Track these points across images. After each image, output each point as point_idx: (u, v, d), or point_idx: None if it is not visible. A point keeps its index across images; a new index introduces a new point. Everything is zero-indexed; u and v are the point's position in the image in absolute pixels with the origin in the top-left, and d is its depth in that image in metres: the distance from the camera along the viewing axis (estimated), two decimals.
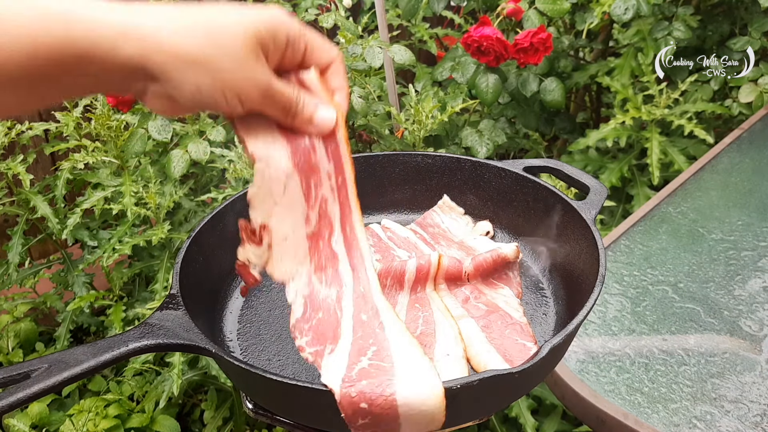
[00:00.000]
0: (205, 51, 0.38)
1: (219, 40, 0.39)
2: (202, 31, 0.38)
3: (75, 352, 0.43)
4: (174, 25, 0.38)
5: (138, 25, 0.37)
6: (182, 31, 0.38)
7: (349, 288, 0.51)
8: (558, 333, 0.45)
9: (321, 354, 0.48)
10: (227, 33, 0.39)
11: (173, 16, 0.38)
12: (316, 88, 0.47)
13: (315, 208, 0.50)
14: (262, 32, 0.41)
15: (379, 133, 1.28)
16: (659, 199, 1.03)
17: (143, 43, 0.37)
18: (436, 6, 1.58)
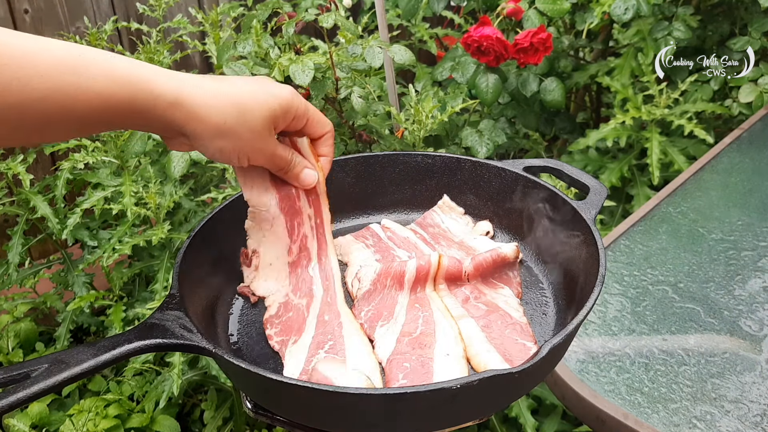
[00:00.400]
0: (234, 127, 0.49)
1: (246, 119, 0.49)
2: (235, 111, 0.48)
3: (75, 352, 0.43)
4: (215, 101, 0.47)
5: (187, 96, 0.46)
6: (220, 108, 0.48)
7: (318, 298, 0.60)
8: (558, 333, 0.45)
9: (286, 343, 0.55)
10: (253, 113, 0.49)
11: (215, 93, 0.48)
12: (306, 153, 0.59)
13: (297, 242, 0.62)
14: (277, 112, 0.51)
15: (379, 133, 1.28)
16: (659, 199, 1.03)
17: (189, 114, 0.47)
18: (436, 6, 1.58)
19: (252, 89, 0.50)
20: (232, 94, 0.49)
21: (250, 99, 0.49)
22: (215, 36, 1.33)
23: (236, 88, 0.50)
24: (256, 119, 0.50)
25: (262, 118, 0.50)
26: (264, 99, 0.50)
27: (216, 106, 0.47)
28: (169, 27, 1.48)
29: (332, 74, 1.18)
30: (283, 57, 1.11)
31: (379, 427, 0.46)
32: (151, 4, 1.39)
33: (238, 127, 0.49)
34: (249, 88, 0.50)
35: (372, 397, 0.42)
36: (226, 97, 0.48)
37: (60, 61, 0.41)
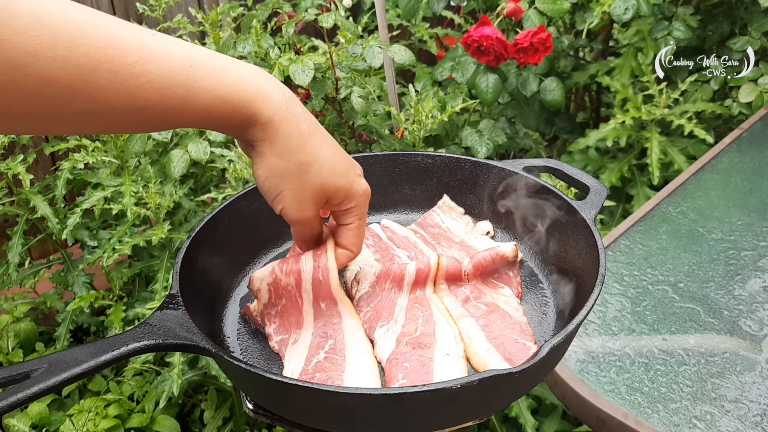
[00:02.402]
0: (288, 173, 0.48)
1: (301, 174, 0.48)
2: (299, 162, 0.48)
3: (75, 352, 0.43)
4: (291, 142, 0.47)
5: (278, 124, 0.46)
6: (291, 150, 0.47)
7: (308, 273, 0.57)
8: (558, 333, 0.45)
9: (286, 343, 0.55)
10: (310, 175, 0.49)
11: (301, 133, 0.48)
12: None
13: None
14: (336, 193, 0.51)
15: (379, 133, 1.28)
16: (659, 199, 1.03)
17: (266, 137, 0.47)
18: (436, 6, 1.58)
19: (337, 158, 0.50)
20: (318, 145, 0.48)
21: (327, 161, 0.49)
22: (215, 36, 1.33)
23: (327, 145, 0.49)
24: (316, 181, 0.49)
25: (320, 184, 0.49)
26: (335, 173, 0.50)
27: (296, 147, 0.47)
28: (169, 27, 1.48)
29: (332, 74, 1.18)
30: (283, 57, 1.11)
31: (379, 427, 0.46)
32: (151, 4, 1.39)
33: (296, 175, 0.48)
34: (340, 155, 0.50)
35: (372, 397, 0.42)
36: (311, 144, 0.48)
37: (173, 72, 0.41)
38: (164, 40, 0.42)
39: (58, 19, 0.37)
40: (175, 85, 0.41)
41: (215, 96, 0.43)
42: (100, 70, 0.38)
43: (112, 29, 0.39)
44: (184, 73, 0.42)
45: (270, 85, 0.46)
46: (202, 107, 0.43)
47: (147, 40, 0.41)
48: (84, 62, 0.37)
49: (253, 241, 0.66)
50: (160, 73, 0.41)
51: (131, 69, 0.39)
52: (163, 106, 0.42)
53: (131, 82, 0.40)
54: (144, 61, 0.40)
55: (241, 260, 0.66)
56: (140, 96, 0.40)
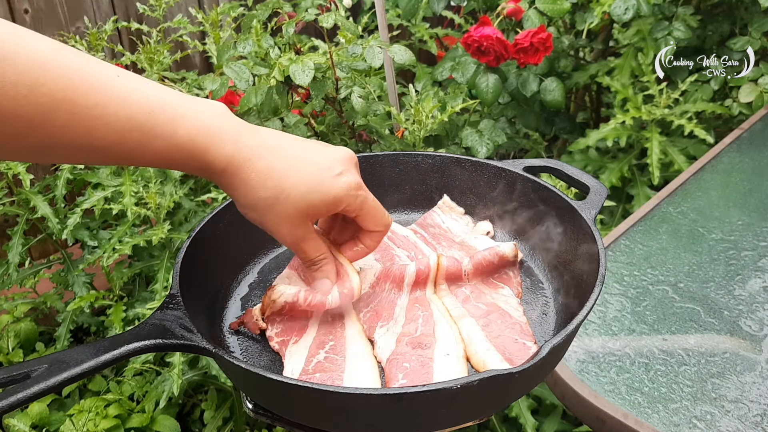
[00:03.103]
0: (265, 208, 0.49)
1: (278, 205, 0.49)
2: (272, 194, 0.48)
3: (75, 352, 0.43)
4: (257, 180, 0.48)
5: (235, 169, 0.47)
6: (259, 188, 0.48)
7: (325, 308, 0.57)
8: (558, 333, 0.45)
9: (286, 343, 0.55)
10: (287, 201, 0.49)
11: (265, 170, 0.48)
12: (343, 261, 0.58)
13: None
14: (318, 208, 0.50)
15: (379, 133, 1.28)
16: (659, 199, 1.03)
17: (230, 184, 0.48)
18: (436, 6, 1.58)
19: (305, 176, 0.49)
20: (278, 176, 0.48)
21: (294, 188, 0.48)
22: (215, 36, 1.33)
23: (290, 168, 0.49)
24: (289, 208, 0.49)
25: (295, 209, 0.49)
26: (307, 191, 0.49)
27: (256, 186, 0.48)
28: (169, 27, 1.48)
29: (332, 74, 1.18)
30: (283, 57, 1.11)
31: (379, 427, 0.46)
32: (151, 4, 1.39)
33: (268, 209, 0.49)
34: (304, 173, 0.49)
35: (372, 397, 0.42)
36: (272, 178, 0.48)
37: (131, 116, 0.42)
38: (127, 82, 0.43)
39: (22, 59, 0.38)
40: (133, 129, 0.43)
41: (170, 144, 0.44)
42: (60, 110, 0.40)
43: (76, 70, 0.41)
44: (142, 119, 0.43)
45: (224, 134, 0.47)
46: (158, 152, 0.45)
47: (109, 83, 0.42)
48: (44, 102, 0.39)
49: (253, 242, 0.66)
50: (118, 117, 0.42)
51: (90, 111, 0.41)
52: (120, 147, 0.43)
53: (89, 123, 0.41)
54: (104, 104, 0.41)
55: (241, 260, 0.66)
56: (98, 136, 0.42)
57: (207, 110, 0.47)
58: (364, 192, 0.53)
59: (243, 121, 0.49)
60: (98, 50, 1.33)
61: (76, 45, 1.31)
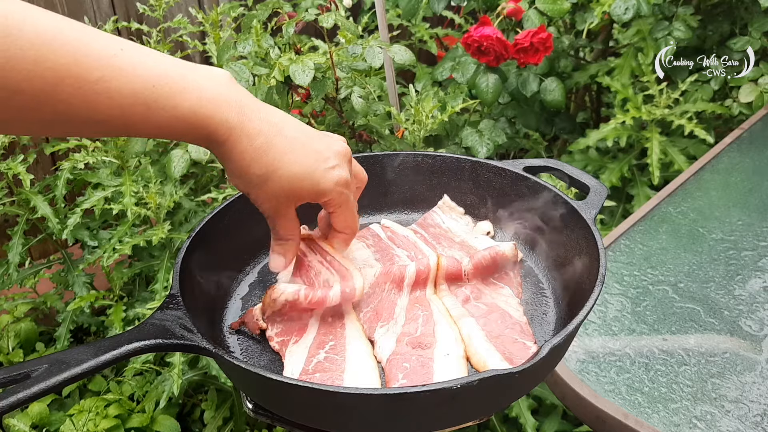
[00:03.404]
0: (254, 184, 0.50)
1: (267, 184, 0.50)
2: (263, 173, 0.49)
3: (75, 352, 0.43)
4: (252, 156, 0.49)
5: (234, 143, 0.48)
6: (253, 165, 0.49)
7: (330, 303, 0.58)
8: (558, 333, 0.45)
9: (286, 344, 0.55)
10: (276, 184, 0.50)
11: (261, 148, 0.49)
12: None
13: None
14: (302, 194, 0.52)
15: (379, 133, 1.28)
16: (659, 199, 1.03)
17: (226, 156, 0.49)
18: (436, 6, 1.58)
19: (300, 160, 0.50)
20: (274, 155, 0.49)
21: (287, 169, 0.50)
22: (215, 36, 1.33)
23: (288, 149, 0.50)
24: (276, 188, 0.51)
25: (281, 190, 0.51)
26: (298, 176, 0.50)
27: (251, 161, 0.49)
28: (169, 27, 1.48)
29: (332, 74, 1.18)
30: (283, 57, 1.11)
31: (379, 427, 0.46)
32: (151, 4, 1.39)
33: (257, 185, 0.51)
34: (300, 157, 0.50)
35: (372, 397, 0.42)
36: (267, 156, 0.49)
37: (135, 90, 0.43)
38: (132, 55, 0.44)
39: (27, 34, 0.39)
40: (136, 103, 0.43)
41: (173, 116, 0.45)
42: (64, 85, 0.40)
43: (80, 44, 0.41)
44: (146, 92, 0.44)
45: (227, 106, 0.47)
46: (161, 124, 0.45)
47: (113, 56, 0.42)
48: (48, 76, 0.40)
49: (253, 241, 0.66)
50: (122, 91, 0.42)
51: (94, 86, 0.41)
52: (123, 120, 0.44)
53: (93, 97, 0.42)
54: (107, 78, 0.42)
55: (241, 260, 0.66)
56: (101, 110, 0.42)
57: (211, 80, 0.47)
58: (349, 192, 0.54)
59: (246, 92, 0.50)
60: None
61: None
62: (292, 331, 0.56)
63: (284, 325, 0.57)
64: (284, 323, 0.57)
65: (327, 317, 0.58)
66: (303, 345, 0.55)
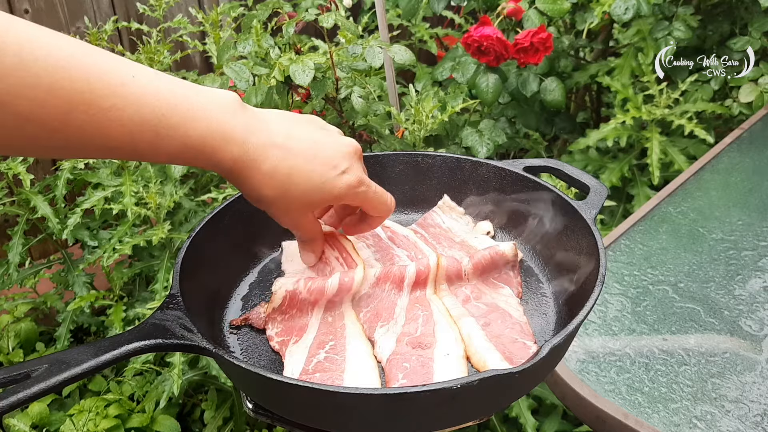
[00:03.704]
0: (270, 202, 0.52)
1: (282, 200, 0.51)
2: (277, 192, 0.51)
3: (75, 352, 0.43)
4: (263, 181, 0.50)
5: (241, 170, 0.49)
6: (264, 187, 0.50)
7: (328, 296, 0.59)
8: (558, 333, 0.45)
9: (286, 343, 0.56)
10: (291, 197, 0.51)
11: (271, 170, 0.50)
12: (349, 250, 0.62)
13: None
14: (317, 204, 0.54)
15: (379, 133, 1.28)
16: (659, 198, 1.03)
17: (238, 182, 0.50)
18: (436, 6, 1.58)
19: (309, 174, 0.51)
20: (282, 176, 0.50)
21: (296, 187, 0.51)
22: (215, 36, 1.33)
23: (295, 168, 0.51)
24: (291, 204, 0.52)
25: (297, 204, 0.52)
26: (310, 190, 0.52)
27: (260, 185, 0.50)
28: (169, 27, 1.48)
29: (332, 74, 1.18)
30: (284, 57, 1.11)
31: (379, 427, 0.46)
32: (151, 4, 1.39)
33: (271, 204, 0.52)
34: (307, 172, 0.51)
35: (372, 397, 0.42)
36: (276, 179, 0.50)
37: (145, 119, 0.43)
38: (142, 83, 0.44)
39: (42, 62, 0.39)
40: (145, 130, 0.44)
41: (182, 144, 0.46)
42: (77, 112, 0.40)
43: (95, 71, 0.41)
44: (155, 120, 0.44)
45: (232, 134, 0.48)
46: (171, 151, 0.46)
47: (125, 84, 0.43)
48: (62, 104, 0.40)
49: (253, 241, 0.66)
50: (133, 118, 0.43)
51: (106, 113, 0.42)
52: (132, 146, 0.44)
53: (105, 124, 0.42)
54: (119, 106, 0.42)
55: (241, 260, 0.66)
56: (113, 137, 0.43)
57: (218, 107, 0.48)
58: (365, 187, 0.55)
59: (253, 113, 0.50)
60: None
61: None
62: (292, 331, 0.56)
63: (284, 325, 0.57)
64: (284, 323, 0.57)
65: (327, 317, 0.58)
66: (303, 345, 0.55)
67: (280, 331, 0.56)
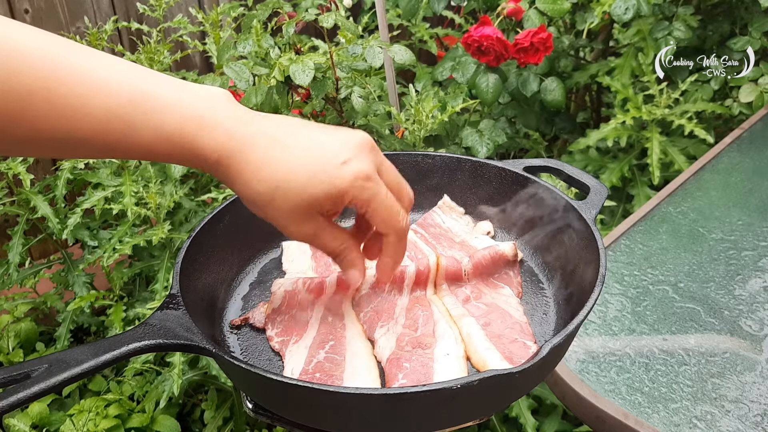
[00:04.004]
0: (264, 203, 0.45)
1: (276, 200, 0.45)
2: (269, 189, 0.44)
3: (75, 352, 0.43)
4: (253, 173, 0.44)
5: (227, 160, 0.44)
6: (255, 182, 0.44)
7: (327, 294, 0.59)
8: (558, 333, 0.45)
9: (286, 343, 0.55)
10: (286, 195, 0.45)
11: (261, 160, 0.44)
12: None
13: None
14: (320, 200, 0.45)
15: (379, 133, 1.28)
16: (659, 198, 1.03)
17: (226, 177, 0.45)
18: (436, 6, 1.58)
19: (304, 164, 0.44)
20: (274, 167, 0.44)
21: (292, 179, 0.44)
22: (215, 36, 1.33)
23: (289, 157, 0.44)
24: (288, 203, 0.45)
25: (294, 204, 0.45)
26: (306, 182, 0.44)
27: (251, 179, 0.44)
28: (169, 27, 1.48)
29: (332, 74, 1.18)
30: (283, 57, 1.11)
31: (379, 427, 0.46)
32: (152, 4, 1.39)
33: (266, 204, 0.45)
34: (303, 162, 0.44)
35: (372, 397, 0.42)
36: (266, 169, 0.44)
37: (114, 107, 0.41)
38: (113, 70, 0.41)
39: (3, 51, 0.37)
40: (115, 120, 0.41)
41: (156, 135, 0.42)
42: (38, 100, 0.38)
43: (57, 58, 0.39)
44: (126, 109, 0.41)
45: (215, 123, 0.43)
46: (144, 144, 0.42)
47: (93, 70, 0.40)
48: (22, 91, 0.38)
49: (253, 241, 0.66)
50: (100, 107, 0.40)
51: (70, 101, 0.39)
52: (103, 138, 0.41)
53: (70, 113, 0.39)
54: (85, 94, 0.40)
55: (241, 260, 0.66)
56: (79, 127, 0.40)
57: (203, 99, 0.44)
58: (375, 184, 0.46)
59: (246, 109, 0.46)
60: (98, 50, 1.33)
61: None
62: (293, 331, 0.56)
63: (284, 325, 0.57)
64: (284, 323, 0.57)
65: (327, 317, 0.58)
66: (303, 345, 0.55)
67: (280, 332, 0.56)
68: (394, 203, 0.48)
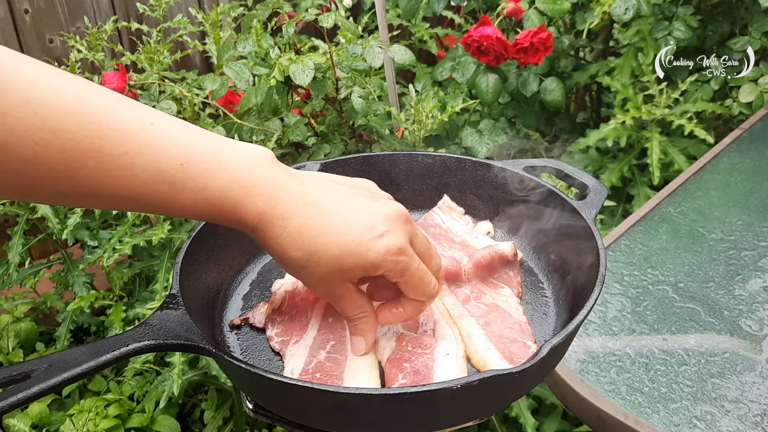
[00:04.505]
0: (298, 268, 0.46)
1: (310, 266, 0.46)
2: (304, 255, 0.45)
3: (75, 352, 0.43)
4: (288, 240, 0.45)
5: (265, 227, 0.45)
6: (290, 249, 0.45)
7: None
8: (558, 333, 0.45)
9: (287, 343, 0.55)
10: (320, 263, 0.46)
11: (297, 230, 0.45)
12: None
13: None
14: (353, 270, 0.46)
15: (379, 133, 1.28)
16: (659, 198, 1.03)
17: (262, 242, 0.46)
18: (436, 6, 1.58)
19: (340, 236, 0.45)
20: (311, 236, 0.45)
21: (326, 249, 0.45)
22: (215, 36, 1.33)
23: (325, 228, 0.45)
24: (322, 271, 0.46)
25: (327, 272, 0.46)
26: (341, 254, 0.45)
27: (287, 246, 0.45)
28: (169, 27, 1.48)
29: (332, 74, 1.18)
30: (283, 57, 1.11)
31: (379, 427, 0.46)
32: (151, 4, 1.39)
33: (300, 269, 0.47)
34: (339, 233, 0.45)
35: (372, 397, 0.42)
36: (304, 238, 0.45)
37: (161, 169, 0.41)
38: (161, 129, 0.41)
39: (49, 104, 0.37)
40: (161, 181, 0.41)
41: (198, 198, 0.42)
42: (85, 158, 0.38)
43: (105, 116, 0.39)
44: (173, 171, 0.41)
45: (258, 189, 0.44)
46: (187, 206, 0.43)
47: (140, 131, 0.40)
48: (69, 149, 0.37)
49: (253, 241, 0.66)
50: (147, 168, 0.40)
51: (117, 161, 0.39)
52: (147, 198, 0.41)
53: (116, 173, 0.39)
54: (132, 153, 0.39)
55: (241, 260, 0.66)
56: (123, 186, 0.40)
57: (245, 161, 0.44)
58: (407, 258, 0.47)
59: (287, 169, 0.46)
60: (98, 50, 1.33)
61: (76, 45, 1.32)
62: (293, 331, 0.56)
63: (285, 325, 0.57)
64: (284, 323, 0.57)
65: (327, 317, 0.58)
66: (303, 345, 0.55)
67: (280, 332, 0.56)
68: (425, 273, 0.49)
